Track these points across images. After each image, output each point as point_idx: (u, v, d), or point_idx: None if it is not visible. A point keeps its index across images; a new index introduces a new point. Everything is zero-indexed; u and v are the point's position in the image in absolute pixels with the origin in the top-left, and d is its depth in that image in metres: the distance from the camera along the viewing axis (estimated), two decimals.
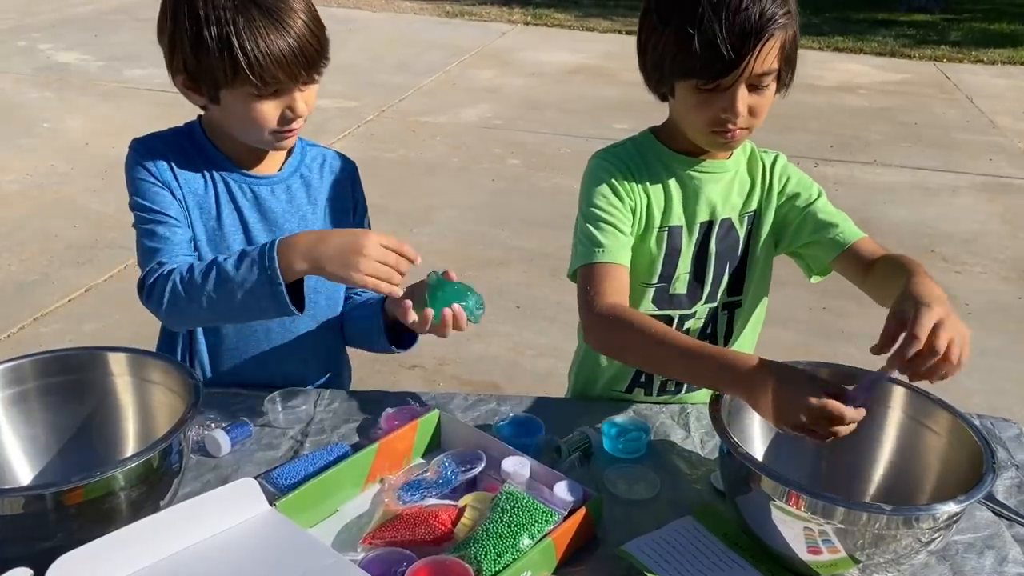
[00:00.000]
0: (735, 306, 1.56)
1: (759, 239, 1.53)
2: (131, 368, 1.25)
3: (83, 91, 6.61)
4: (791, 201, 1.53)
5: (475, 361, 3.40)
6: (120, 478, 1.04)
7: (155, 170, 1.41)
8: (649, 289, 1.50)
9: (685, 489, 1.31)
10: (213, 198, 1.45)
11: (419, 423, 1.33)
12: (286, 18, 1.30)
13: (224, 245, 1.46)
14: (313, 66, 1.35)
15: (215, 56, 1.29)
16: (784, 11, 1.30)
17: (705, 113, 1.36)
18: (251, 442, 1.38)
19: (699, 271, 1.51)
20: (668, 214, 1.48)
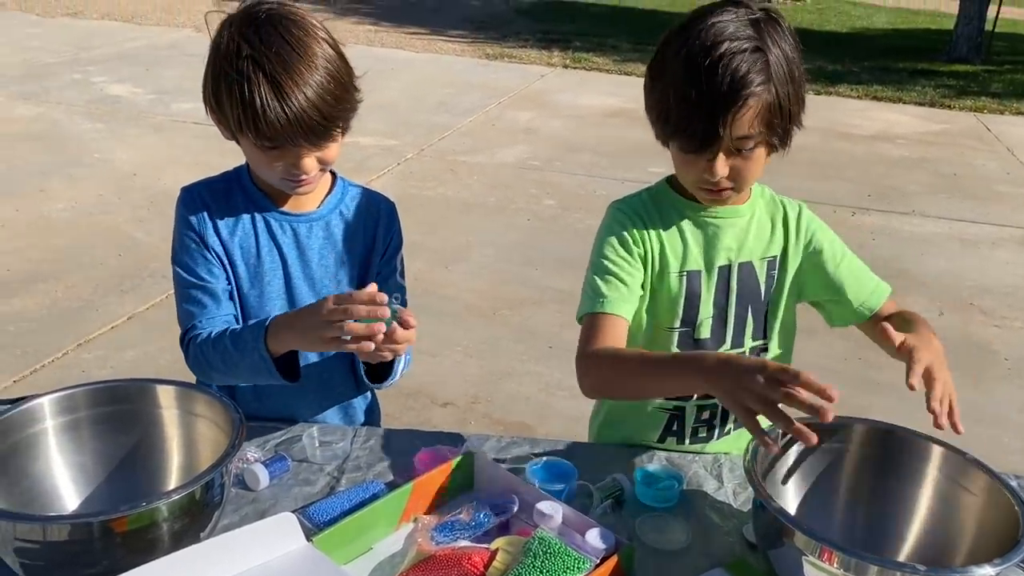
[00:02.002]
0: (761, 351, 1.57)
1: (783, 285, 1.55)
2: (178, 401, 1.29)
3: (133, 123, 6.80)
4: (816, 256, 1.55)
5: (507, 401, 3.41)
6: (164, 509, 1.07)
7: (196, 223, 1.49)
8: (674, 334, 1.52)
9: (717, 540, 1.31)
10: (254, 237, 1.52)
11: (453, 464, 1.35)
12: (291, 88, 1.32)
13: (264, 280, 1.52)
14: (315, 135, 1.37)
15: (228, 103, 1.36)
16: (761, 77, 1.29)
17: (690, 173, 1.42)
18: (288, 477, 1.41)
19: (722, 315, 1.52)
20: (686, 259, 1.50)
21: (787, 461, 1.27)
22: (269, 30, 1.35)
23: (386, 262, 1.63)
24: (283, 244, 1.52)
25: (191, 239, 1.50)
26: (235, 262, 1.51)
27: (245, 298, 1.53)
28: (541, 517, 1.24)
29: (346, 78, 1.41)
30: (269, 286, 1.52)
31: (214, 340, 1.42)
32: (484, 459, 1.38)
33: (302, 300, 1.55)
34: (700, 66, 1.28)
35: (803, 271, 1.56)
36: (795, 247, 1.54)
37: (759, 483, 1.15)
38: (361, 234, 1.59)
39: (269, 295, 1.53)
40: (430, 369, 3.55)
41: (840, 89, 9.58)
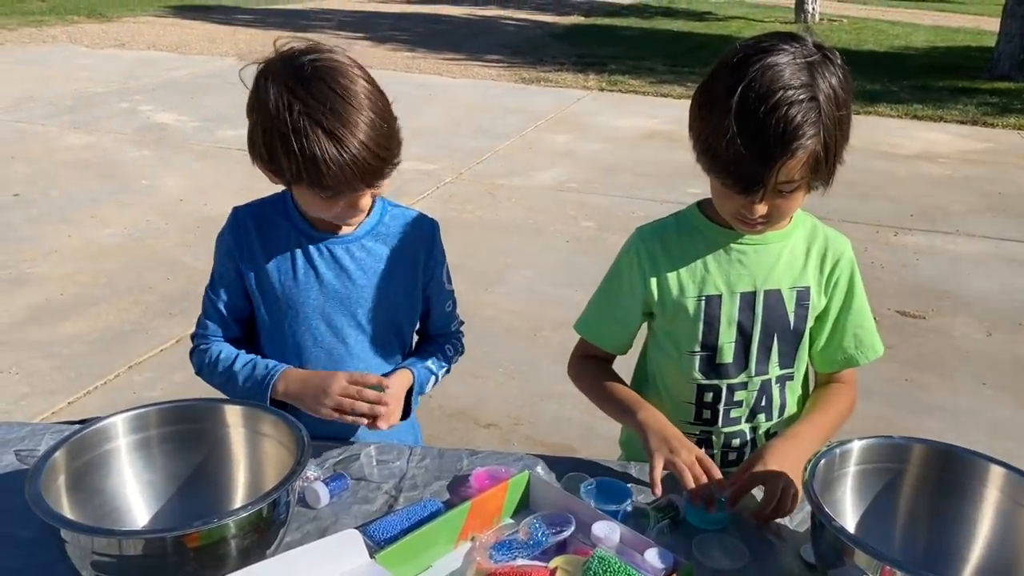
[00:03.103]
0: (788, 379, 1.57)
1: (811, 316, 1.55)
2: (245, 420, 1.32)
3: (179, 150, 6.96)
4: (830, 299, 1.55)
5: (549, 422, 3.42)
6: (233, 526, 1.10)
7: (235, 247, 1.59)
8: (695, 358, 1.54)
9: (774, 561, 1.31)
10: (291, 261, 1.59)
11: (510, 484, 1.37)
12: (347, 137, 1.37)
13: (299, 301, 1.58)
14: (370, 177, 1.43)
15: (284, 157, 1.40)
16: (813, 130, 1.28)
17: (728, 204, 1.43)
18: (347, 495, 1.43)
19: (744, 341, 1.53)
20: (705, 283, 1.52)
21: (844, 481, 1.27)
22: (319, 84, 1.38)
23: (434, 282, 1.67)
24: (319, 265, 1.58)
25: (225, 255, 1.60)
26: (271, 283, 1.58)
27: (280, 318, 1.59)
28: (599, 537, 1.26)
29: (389, 113, 1.45)
30: (304, 306, 1.59)
31: (220, 365, 1.59)
32: (540, 479, 1.40)
33: (337, 320, 1.60)
34: (753, 112, 1.28)
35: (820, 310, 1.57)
36: (827, 286, 1.55)
37: (819, 501, 1.15)
38: (404, 253, 1.64)
39: (305, 314, 1.59)
40: (472, 391, 3.57)
41: (880, 108, 9.50)
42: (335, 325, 1.61)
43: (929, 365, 3.97)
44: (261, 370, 1.56)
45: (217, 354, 1.61)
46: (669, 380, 1.61)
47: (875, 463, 1.27)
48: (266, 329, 1.63)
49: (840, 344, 1.55)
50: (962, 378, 3.87)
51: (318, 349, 1.61)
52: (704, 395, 1.56)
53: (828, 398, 1.57)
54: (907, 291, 4.74)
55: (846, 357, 1.56)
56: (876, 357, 1.57)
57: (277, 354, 1.61)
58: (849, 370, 1.59)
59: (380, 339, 1.65)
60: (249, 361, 1.59)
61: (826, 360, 1.58)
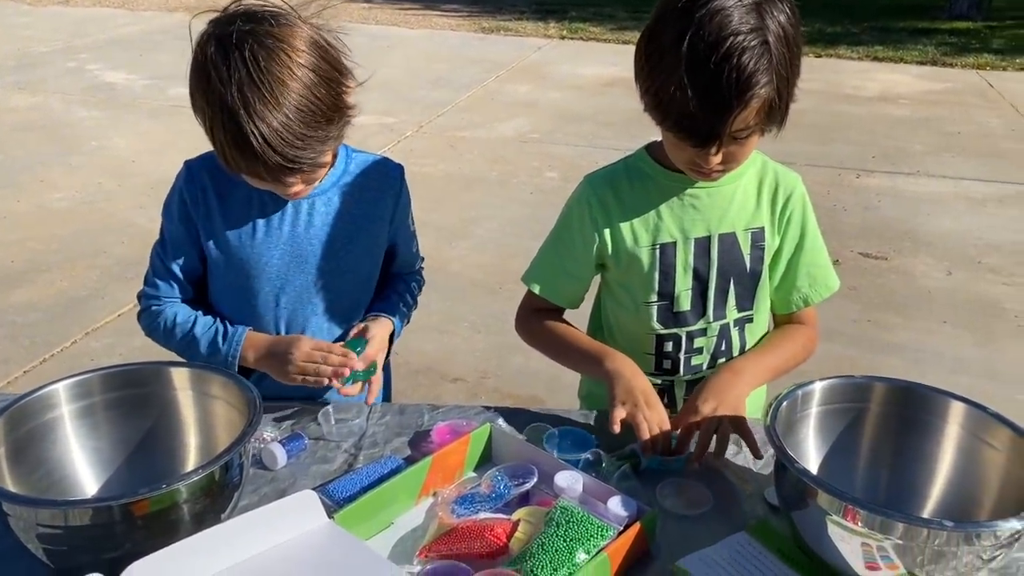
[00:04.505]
0: (747, 321, 1.56)
1: (768, 256, 1.52)
2: (193, 382, 1.28)
3: (129, 110, 6.76)
4: (784, 238, 1.52)
5: (516, 375, 3.40)
6: (184, 491, 1.06)
7: (189, 202, 1.50)
8: (652, 308, 1.51)
9: (739, 504, 1.31)
10: (250, 215, 1.51)
11: (471, 437, 1.34)
12: (251, 131, 1.25)
13: (262, 261, 1.51)
14: (281, 174, 1.32)
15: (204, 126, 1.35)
16: (766, 77, 1.23)
17: (681, 155, 1.39)
18: (306, 455, 1.40)
19: (701, 287, 1.50)
20: (658, 231, 1.48)
21: (807, 423, 1.26)
22: (237, 60, 1.26)
23: (401, 227, 1.62)
24: (281, 223, 1.51)
25: (179, 219, 1.52)
26: (229, 242, 1.51)
27: (240, 279, 1.53)
28: (561, 488, 1.24)
29: (324, 104, 1.31)
30: (267, 266, 1.52)
31: (178, 330, 1.53)
32: (501, 431, 1.38)
33: (301, 280, 1.55)
34: (704, 63, 1.22)
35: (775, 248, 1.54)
36: (781, 223, 1.52)
37: (781, 444, 1.14)
38: (371, 204, 1.58)
39: (268, 275, 1.53)
40: (438, 346, 3.55)
41: (840, 51, 9.48)
42: (299, 285, 1.55)
43: (891, 305, 4.00)
44: (224, 337, 1.51)
45: (172, 317, 1.55)
46: (627, 332, 1.58)
47: (837, 403, 1.26)
48: (224, 290, 1.57)
49: (794, 283, 1.54)
50: (923, 317, 3.91)
51: (281, 311, 1.56)
52: (664, 345, 1.54)
53: (781, 337, 1.56)
54: (869, 232, 4.77)
55: (801, 296, 1.54)
56: (830, 294, 1.55)
57: (236, 316, 1.56)
58: (809, 310, 1.57)
59: (347, 297, 1.61)
60: (210, 326, 1.53)
61: (782, 300, 1.56)
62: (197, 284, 1.59)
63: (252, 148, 1.27)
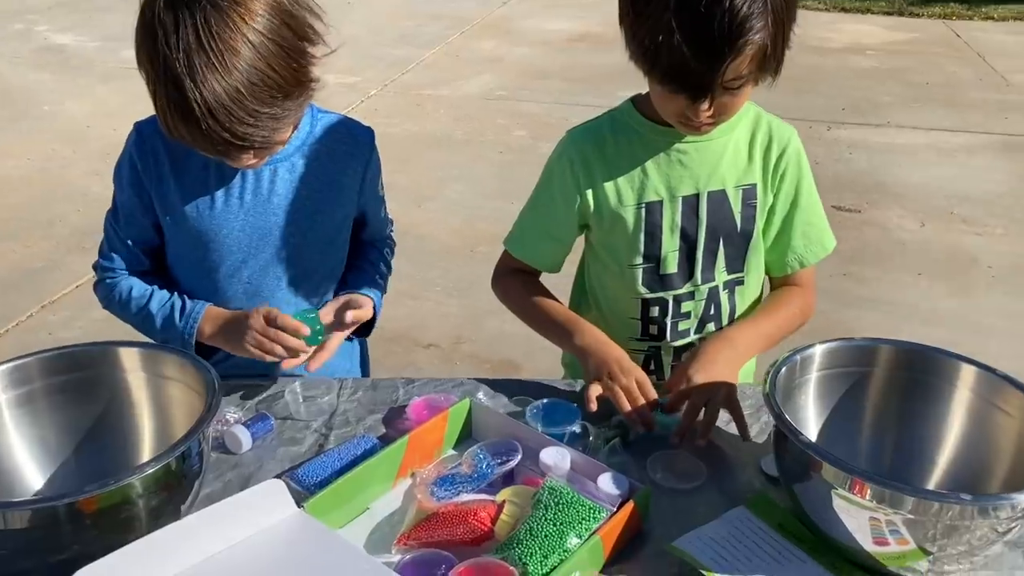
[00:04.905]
0: (737, 283, 1.48)
1: (760, 215, 1.44)
2: (144, 364, 1.18)
3: (81, 73, 6.50)
4: (778, 195, 1.44)
5: (492, 339, 3.32)
6: (138, 485, 0.97)
7: (140, 164, 1.38)
8: (637, 271, 1.43)
9: (733, 476, 1.24)
10: (207, 183, 1.39)
11: (450, 413, 1.26)
12: (195, 104, 1.12)
13: (220, 228, 1.40)
14: (230, 150, 1.20)
15: None
16: (761, 21, 1.15)
17: (670, 107, 1.30)
18: (272, 437, 1.31)
19: (688, 248, 1.42)
20: (644, 189, 1.39)
21: (806, 389, 1.19)
22: (187, 21, 1.13)
23: (371, 194, 1.52)
24: (242, 191, 1.40)
25: (131, 187, 1.40)
26: (185, 212, 1.39)
27: (197, 251, 1.42)
28: (548, 465, 1.16)
29: (282, 77, 1.17)
30: (226, 238, 1.41)
31: (133, 305, 1.43)
32: (482, 406, 1.30)
33: (264, 253, 1.44)
34: (693, 7, 1.13)
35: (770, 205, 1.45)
36: (774, 179, 1.43)
37: (782, 413, 1.07)
38: (339, 170, 1.47)
39: (228, 247, 1.42)
40: (411, 311, 3.45)
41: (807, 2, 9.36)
42: (263, 258, 1.44)
43: (865, 259, 3.97)
44: (181, 313, 1.40)
45: (128, 291, 1.44)
46: (611, 296, 1.50)
47: (839, 367, 1.19)
48: (182, 263, 1.47)
49: (789, 244, 1.46)
50: (898, 270, 3.88)
51: (245, 285, 1.46)
52: (650, 309, 1.46)
53: (775, 301, 1.48)
54: (842, 185, 4.72)
55: (796, 257, 1.46)
56: (827, 254, 1.48)
57: (196, 291, 1.45)
58: (806, 272, 1.49)
59: (315, 270, 1.50)
60: (166, 301, 1.42)
61: (776, 262, 1.48)
62: (154, 254, 1.48)
63: (196, 120, 1.14)
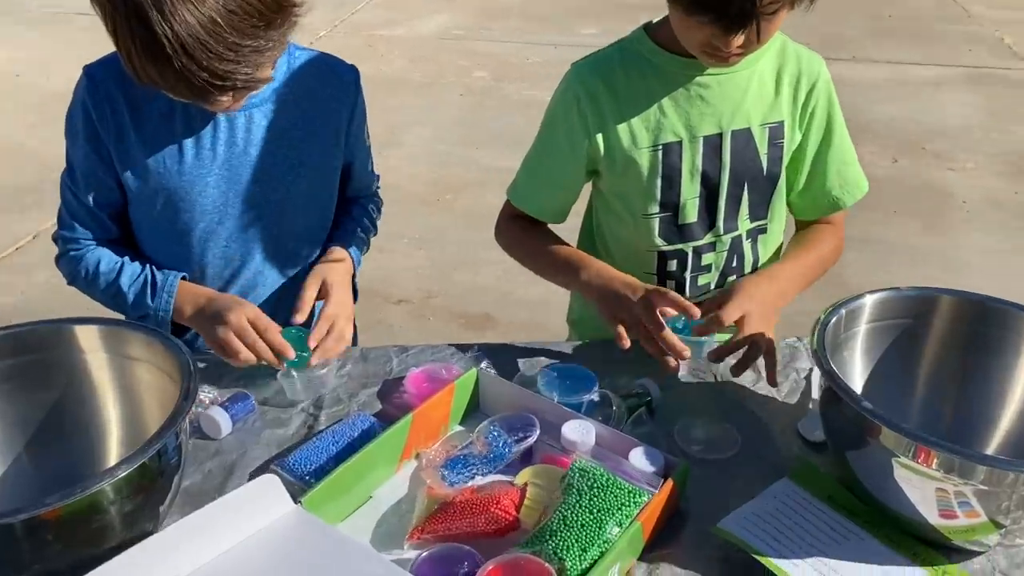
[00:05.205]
0: (760, 232, 1.36)
1: (787, 156, 1.31)
2: (106, 343, 1.02)
3: (9, 18, 6.08)
4: (809, 133, 1.31)
5: (464, 292, 3.19)
6: (109, 491, 0.82)
7: (94, 113, 1.19)
8: (653, 221, 1.29)
9: (770, 442, 1.14)
10: (174, 133, 1.22)
11: (456, 386, 1.13)
12: (162, 38, 0.97)
13: (191, 186, 1.23)
14: (207, 92, 1.03)
15: None
16: None
17: (695, 36, 1.14)
18: (255, 419, 1.17)
19: (709, 194, 1.29)
20: (661, 129, 1.25)
21: (853, 343, 1.08)
22: None
23: (357, 142, 1.36)
24: (214, 141, 1.23)
25: (86, 142, 1.22)
26: (150, 168, 1.22)
27: (165, 214, 1.26)
28: (572, 442, 1.04)
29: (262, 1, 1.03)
30: (200, 196, 1.24)
31: (101, 280, 1.27)
32: (490, 376, 1.17)
33: (244, 212, 1.28)
34: None
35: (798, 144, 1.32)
36: (803, 115, 1.30)
37: (835, 372, 0.96)
38: (322, 113, 1.30)
39: (202, 207, 1.25)
40: (378, 265, 3.28)
41: None
42: (241, 218, 1.28)
43: None
44: (153, 288, 1.25)
45: (95, 265, 1.27)
46: (624, 250, 1.36)
47: (889, 319, 1.08)
48: (149, 228, 1.30)
49: (823, 186, 1.34)
50: (873, 208, 3.80)
51: (219, 250, 1.30)
52: (667, 263, 1.33)
53: (811, 237, 1.36)
54: None
55: (830, 200, 1.35)
56: (862, 195, 1.36)
57: (167, 260, 1.29)
58: (837, 213, 1.38)
59: (300, 230, 1.35)
60: (137, 274, 1.26)
61: (807, 206, 1.37)
62: (121, 219, 1.30)
63: (166, 58, 0.98)
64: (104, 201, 1.26)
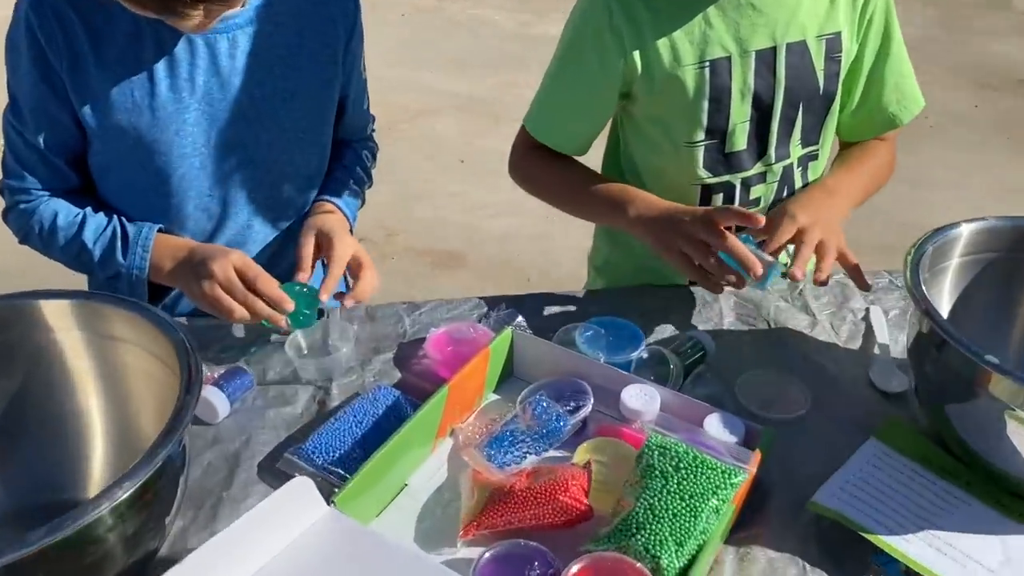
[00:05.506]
0: (811, 159, 1.22)
1: (844, 70, 1.17)
2: (79, 319, 0.83)
3: None
4: (865, 43, 1.17)
5: (427, 228, 3.02)
6: (108, 517, 0.66)
7: (43, 36, 0.98)
8: (697, 150, 1.14)
9: (841, 396, 1.02)
10: (142, 62, 1.01)
11: (491, 350, 0.98)
12: None
13: (164, 124, 1.04)
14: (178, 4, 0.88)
15: None
16: None
17: None
18: (255, 396, 1.01)
19: (762, 116, 1.14)
20: (707, 43, 1.10)
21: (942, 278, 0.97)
22: None
23: (354, 73, 1.17)
24: (194, 72, 1.03)
25: (33, 71, 1.00)
26: (113, 103, 1.02)
27: (132, 157, 1.06)
28: (635, 411, 0.91)
29: None
30: (177, 136, 1.05)
31: (60, 236, 1.07)
32: (525, 336, 1.02)
33: (226, 155, 1.09)
34: None
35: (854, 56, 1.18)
36: (861, 22, 1.15)
37: (935, 312, 0.84)
38: (316, 36, 1.11)
39: (180, 149, 1.06)
40: None
41: None
42: (225, 162, 1.09)
43: None
44: (124, 242, 1.06)
45: (51, 219, 1.07)
46: (660, 184, 1.20)
47: (987, 252, 0.97)
48: (112, 176, 1.10)
49: (879, 101, 1.20)
50: None
51: (201, 200, 1.11)
52: (711, 198, 1.18)
53: (865, 151, 1.23)
54: None
55: (886, 117, 1.21)
56: (920, 110, 1.23)
57: (136, 213, 1.10)
58: (891, 131, 1.25)
59: (290, 174, 1.16)
60: (104, 227, 1.06)
61: (860, 124, 1.23)
62: (79, 164, 1.10)
63: None
64: (58, 143, 1.05)
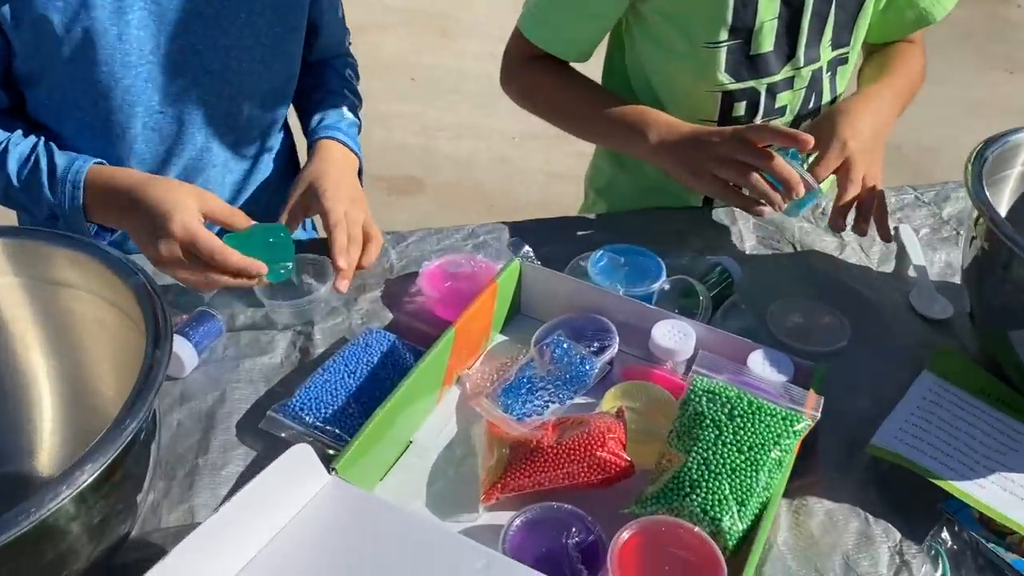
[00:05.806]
0: (840, 62, 1.11)
1: None
2: (15, 262, 0.68)
3: None
4: None
5: (381, 152, 2.84)
6: (70, 507, 0.53)
7: None
8: (719, 52, 1.02)
9: (882, 324, 0.93)
10: None
11: (499, 285, 0.86)
12: None
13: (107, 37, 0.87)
14: None
15: None
16: None
17: None
18: (226, 344, 0.87)
19: (792, 15, 1.03)
20: None
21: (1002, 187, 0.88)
22: None
23: None
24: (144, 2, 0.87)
25: None
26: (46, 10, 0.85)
27: (71, 75, 0.89)
28: (668, 348, 0.81)
29: None
30: (124, 43, 0.89)
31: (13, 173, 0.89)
32: (534, 268, 0.90)
33: (186, 66, 0.93)
34: None
35: None
36: None
37: (1002, 223, 0.75)
38: None
39: (122, 62, 0.89)
40: None
41: None
42: (180, 75, 0.93)
43: None
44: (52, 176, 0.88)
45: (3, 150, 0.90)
46: (674, 92, 1.07)
47: None
48: (44, 94, 0.93)
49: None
50: None
51: (151, 119, 0.95)
52: (733, 106, 1.06)
53: (897, 56, 1.12)
54: None
55: (918, 14, 1.10)
56: (953, 5, 1.12)
57: (73, 143, 0.94)
58: (918, 32, 1.15)
59: (253, 90, 1.00)
60: (27, 155, 0.90)
61: (890, 23, 1.12)
62: (8, 79, 0.92)
63: None
64: None
